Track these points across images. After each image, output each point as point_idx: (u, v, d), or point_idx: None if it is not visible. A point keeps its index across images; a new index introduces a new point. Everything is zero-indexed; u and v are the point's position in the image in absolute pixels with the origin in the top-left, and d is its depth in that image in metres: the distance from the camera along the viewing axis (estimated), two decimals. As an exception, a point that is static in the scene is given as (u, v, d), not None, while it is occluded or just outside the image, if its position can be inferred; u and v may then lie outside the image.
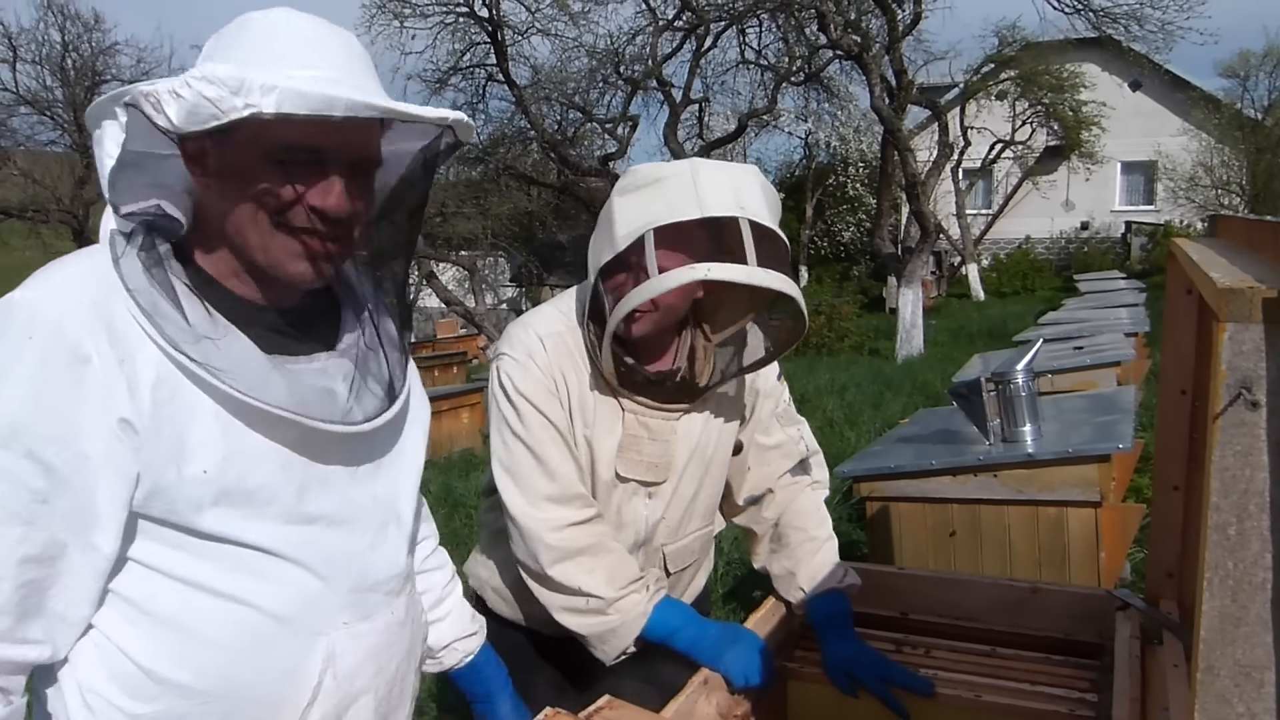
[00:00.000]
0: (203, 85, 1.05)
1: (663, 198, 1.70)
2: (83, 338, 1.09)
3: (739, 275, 1.66)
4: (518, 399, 1.86)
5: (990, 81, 24.17)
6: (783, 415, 2.12)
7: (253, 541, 1.21)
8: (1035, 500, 3.27)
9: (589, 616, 1.86)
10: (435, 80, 19.42)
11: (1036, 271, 27.02)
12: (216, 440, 1.17)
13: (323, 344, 1.31)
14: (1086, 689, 1.79)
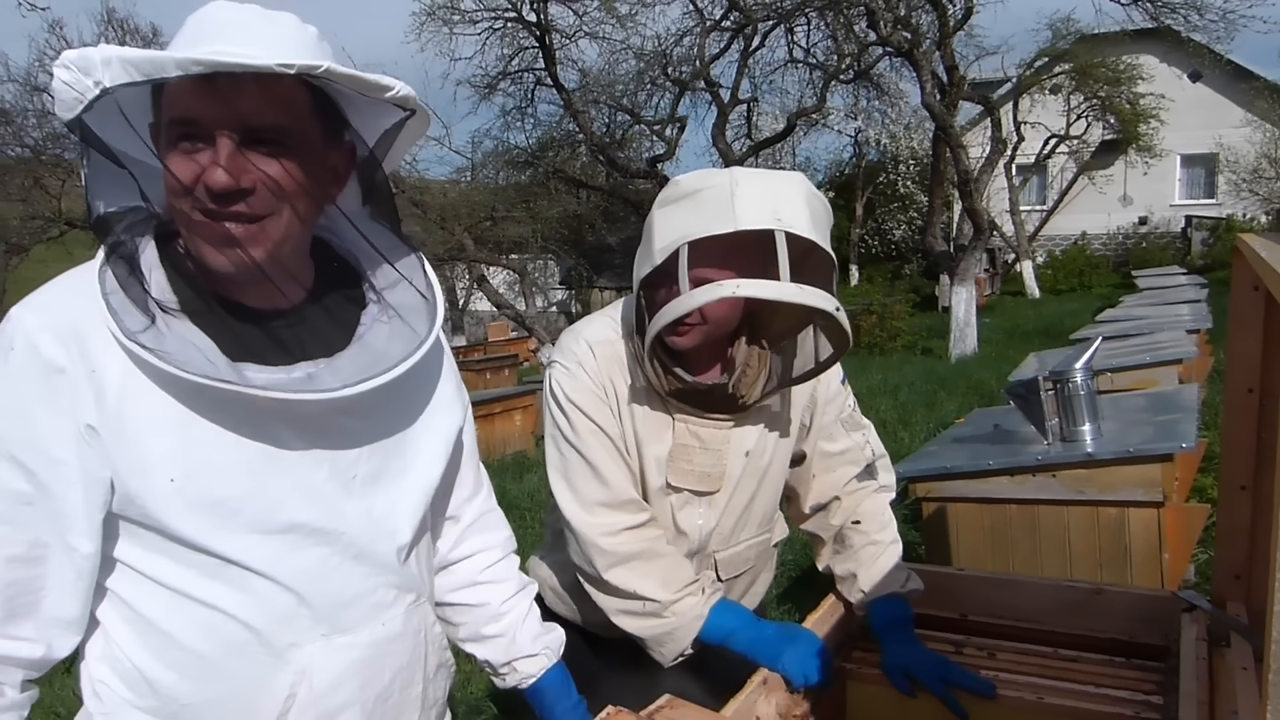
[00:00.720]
0: (61, 71, 1.08)
1: (699, 210, 1.69)
2: (57, 351, 1.13)
3: (769, 292, 1.62)
4: (568, 406, 1.88)
5: (1044, 75, 23.82)
6: (847, 421, 2.09)
7: (221, 552, 1.21)
8: (1095, 501, 3.22)
9: (646, 619, 1.88)
10: (484, 85, 19.60)
11: (1093, 268, 26.58)
12: (181, 450, 1.18)
13: (328, 351, 1.26)
14: (1152, 691, 1.76)
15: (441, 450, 1.46)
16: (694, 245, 1.66)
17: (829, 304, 1.65)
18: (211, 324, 1.19)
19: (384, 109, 1.26)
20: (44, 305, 1.17)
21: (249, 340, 1.21)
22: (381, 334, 1.30)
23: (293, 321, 1.27)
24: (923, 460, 3.77)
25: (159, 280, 1.19)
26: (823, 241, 1.70)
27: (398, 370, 1.26)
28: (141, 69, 1.07)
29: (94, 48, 1.09)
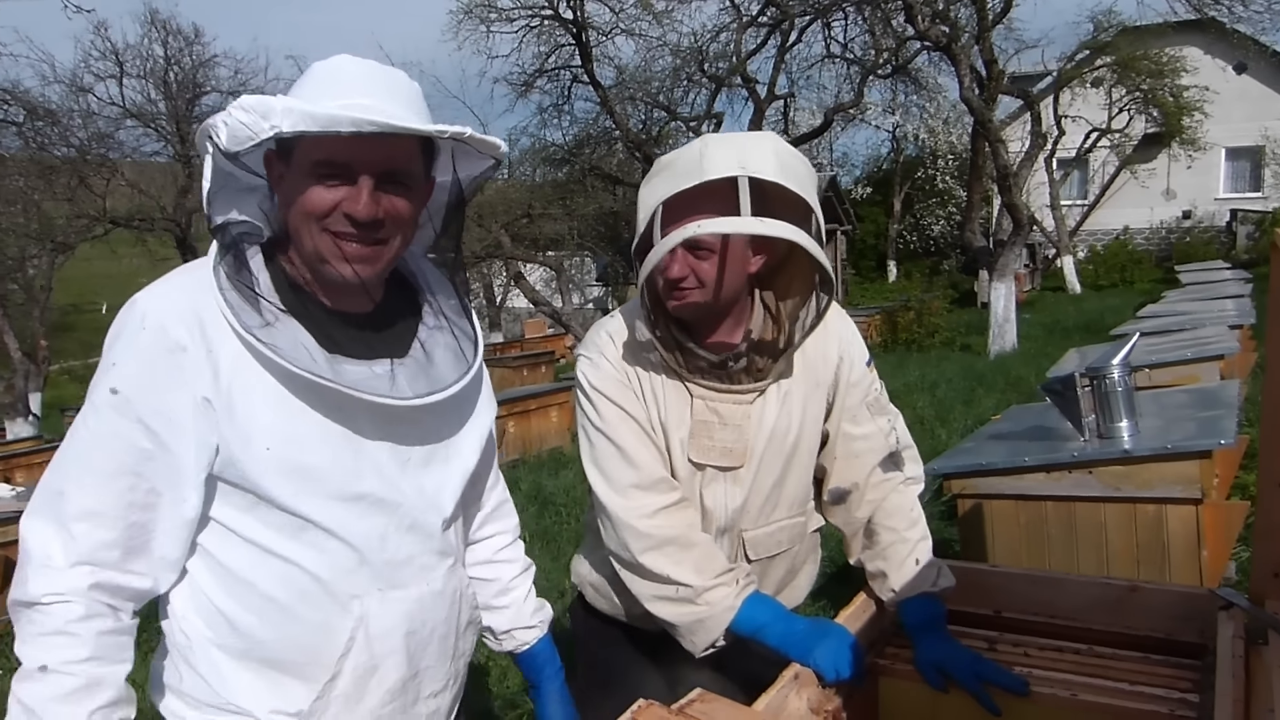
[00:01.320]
0: (239, 113, 1.31)
1: (673, 175, 1.77)
2: (181, 332, 1.36)
3: (726, 226, 1.70)
4: (594, 394, 1.95)
5: (1085, 69, 23.55)
6: (873, 404, 2.08)
7: (304, 513, 1.43)
8: (1133, 498, 3.19)
9: (679, 605, 1.90)
10: (521, 83, 19.71)
11: (1135, 263, 26.22)
12: (279, 424, 1.40)
13: (392, 352, 1.51)
14: (1188, 689, 1.75)
15: (479, 443, 1.70)
16: (667, 204, 1.75)
17: (791, 233, 1.70)
18: (308, 321, 1.44)
19: (480, 159, 1.54)
20: (168, 293, 1.40)
21: (338, 337, 1.46)
22: (438, 343, 1.57)
23: (366, 324, 1.52)
24: (959, 457, 3.76)
25: (265, 281, 1.44)
26: (796, 187, 1.74)
27: (455, 388, 1.54)
28: (319, 122, 1.30)
29: (273, 97, 1.32)
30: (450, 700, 1.72)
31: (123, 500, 1.36)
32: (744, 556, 2.04)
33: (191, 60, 18.98)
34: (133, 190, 18.68)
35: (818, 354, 2.01)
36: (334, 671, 1.50)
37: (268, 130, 1.31)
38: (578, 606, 2.29)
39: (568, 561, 6.05)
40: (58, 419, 17.84)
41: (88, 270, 28.47)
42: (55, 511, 1.36)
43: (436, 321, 1.60)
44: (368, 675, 1.53)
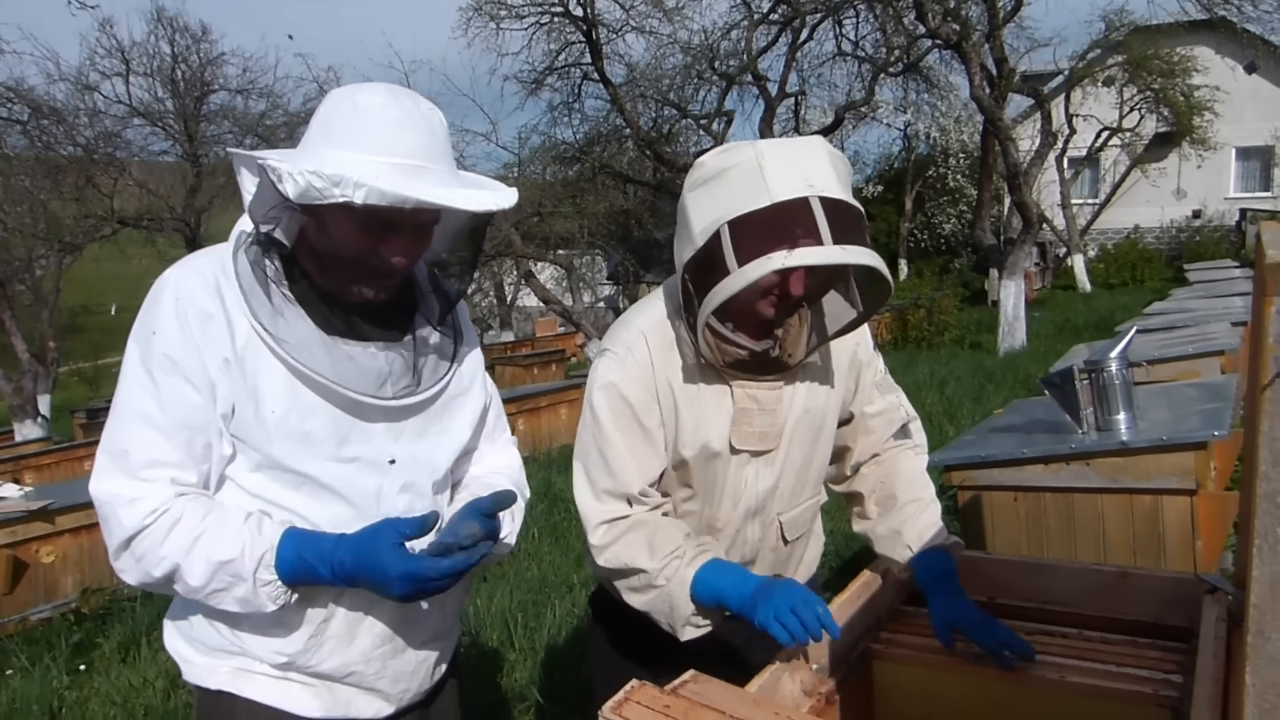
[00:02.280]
0: (313, 178, 1.44)
1: (731, 188, 1.73)
2: (207, 301, 1.56)
3: (818, 257, 1.67)
4: (607, 392, 1.93)
5: (1097, 68, 23.49)
6: (881, 383, 2.17)
7: (305, 470, 1.61)
8: (1130, 489, 3.23)
9: (644, 593, 1.93)
10: (531, 81, 19.74)
11: (1146, 262, 26.14)
12: (283, 392, 1.58)
13: (390, 336, 1.69)
14: (1173, 671, 1.78)
15: (470, 421, 1.87)
16: (733, 224, 1.71)
17: (873, 260, 1.70)
18: (312, 308, 1.61)
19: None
20: (197, 269, 1.59)
21: (339, 320, 1.63)
22: (427, 340, 1.75)
23: (367, 311, 1.66)
24: (959, 449, 3.79)
25: (275, 270, 1.60)
26: (851, 198, 1.74)
27: (435, 388, 1.74)
28: (388, 200, 1.45)
29: (351, 168, 1.46)
30: (440, 650, 1.88)
31: (185, 453, 1.55)
32: (781, 539, 2.10)
33: (199, 58, 18.71)
34: (141, 190, 18.38)
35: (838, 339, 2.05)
36: (328, 614, 1.67)
37: (338, 197, 1.44)
38: (597, 596, 2.32)
39: (577, 556, 6.11)
40: (67, 421, 17.78)
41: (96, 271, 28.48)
42: (123, 467, 1.54)
43: (428, 318, 1.77)
44: (359, 619, 1.70)
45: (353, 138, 1.52)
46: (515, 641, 4.64)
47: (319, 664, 1.69)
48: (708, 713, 1.42)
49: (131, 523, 1.52)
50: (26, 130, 17.02)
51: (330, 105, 1.58)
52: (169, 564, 1.53)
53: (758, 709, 1.44)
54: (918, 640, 1.97)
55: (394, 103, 1.55)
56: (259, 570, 1.54)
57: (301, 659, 1.68)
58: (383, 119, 1.53)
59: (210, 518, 1.55)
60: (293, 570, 1.56)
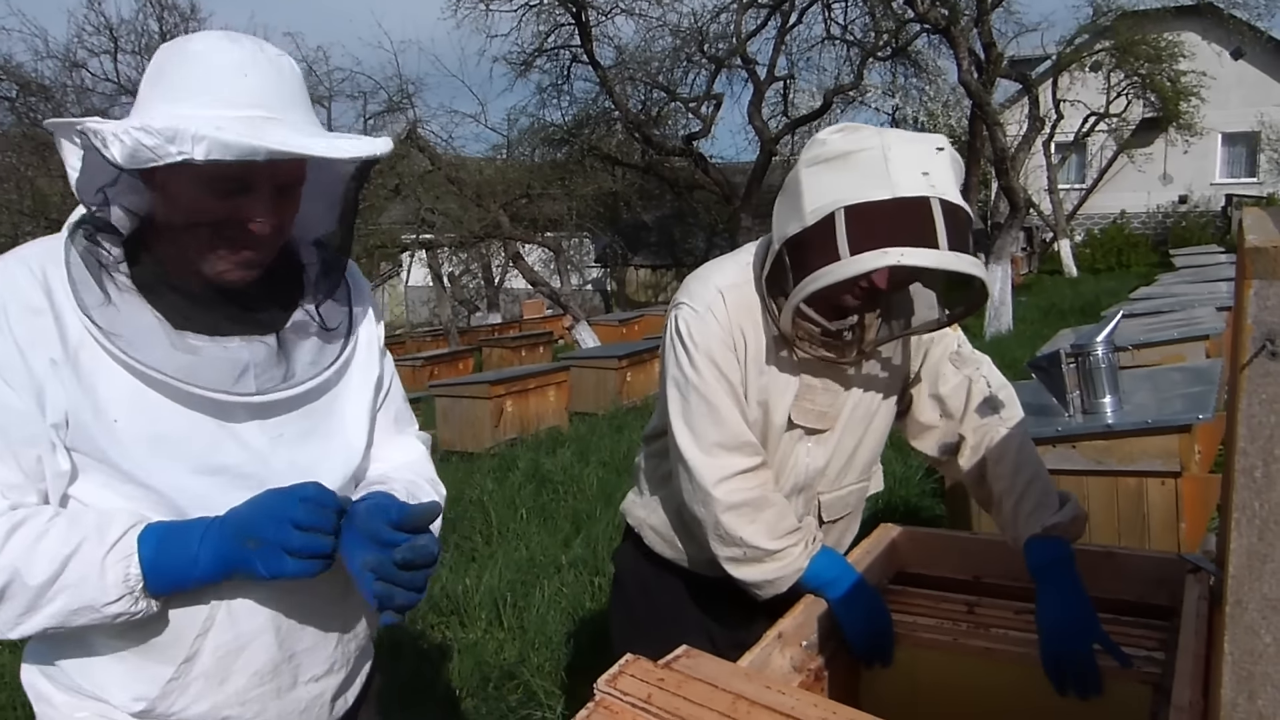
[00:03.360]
0: (141, 135, 1.23)
1: (852, 173, 1.71)
2: (33, 295, 1.32)
3: (932, 260, 1.65)
4: (694, 350, 1.94)
5: (1084, 53, 23.53)
6: (955, 358, 2.11)
7: (157, 486, 1.35)
8: (1114, 471, 3.27)
9: (748, 566, 1.96)
10: (520, 63, 19.67)
11: (1132, 247, 26.29)
12: (126, 396, 1.34)
13: (260, 327, 1.44)
14: (1155, 648, 1.81)
15: (363, 416, 1.60)
16: (850, 210, 1.68)
17: (980, 271, 1.71)
18: (158, 298, 1.38)
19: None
20: (22, 259, 1.36)
21: (193, 311, 1.39)
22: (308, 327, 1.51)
23: (235, 298, 1.43)
24: (946, 432, 3.82)
25: (116, 255, 1.37)
26: (964, 203, 1.74)
27: (312, 382, 1.48)
28: (235, 152, 1.23)
29: (187, 120, 1.24)
30: (338, 684, 1.61)
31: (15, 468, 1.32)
32: (818, 518, 2.12)
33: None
34: (128, 167, 18.52)
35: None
36: (191, 650, 1.41)
37: (175, 155, 1.23)
38: (629, 549, 2.32)
39: (565, 537, 6.13)
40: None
41: (85, 248, 28.33)
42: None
43: (312, 302, 1.53)
44: (232, 656, 1.44)
45: (188, 88, 1.31)
46: (504, 621, 4.67)
47: (183, 710, 1.43)
48: (700, 686, 1.44)
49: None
50: (14, 107, 16.97)
51: (160, 57, 1.37)
52: (7, 572, 1.26)
53: (749, 682, 1.46)
54: (904, 619, 1.99)
55: (232, 46, 1.34)
56: (118, 543, 1.30)
57: (162, 704, 1.42)
58: (221, 65, 1.32)
59: (60, 515, 1.32)
60: (153, 551, 1.31)
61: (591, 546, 5.62)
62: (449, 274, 25.52)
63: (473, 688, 4.08)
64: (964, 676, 1.86)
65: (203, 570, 1.32)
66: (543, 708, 3.79)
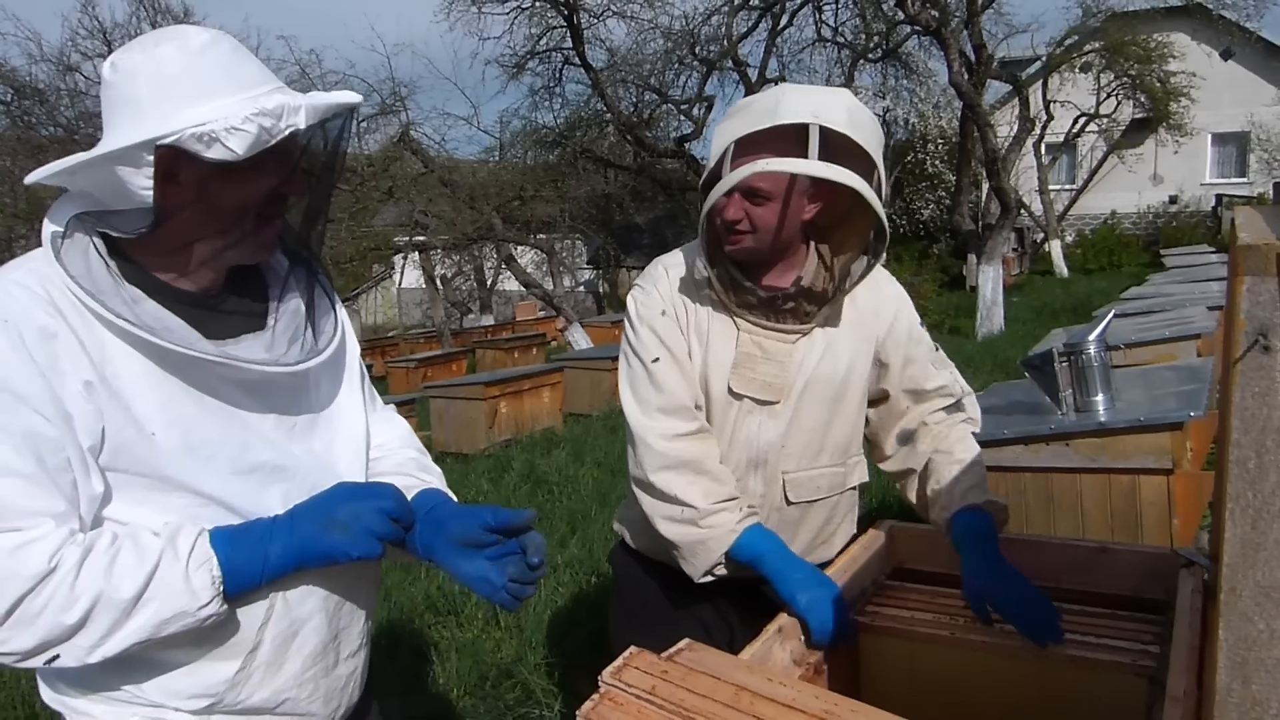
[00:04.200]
0: (261, 119, 1.29)
1: (747, 116, 1.86)
2: (45, 319, 1.29)
3: (791, 166, 1.79)
4: (637, 321, 2.07)
5: (1074, 54, 23.60)
6: (936, 359, 2.19)
7: (206, 491, 1.38)
8: (1108, 468, 3.29)
9: (682, 526, 1.99)
10: (513, 65, 19.69)
11: (1123, 247, 26.34)
12: (160, 408, 1.35)
13: (248, 326, 1.49)
14: (1150, 642, 1.82)
15: (358, 402, 1.69)
16: (739, 142, 1.85)
17: (850, 179, 1.77)
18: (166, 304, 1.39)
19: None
20: (19, 282, 1.32)
21: (195, 318, 1.41)
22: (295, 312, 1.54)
23: (215, 303, 1.47)
24: (941, 430, 3.84)
25: (114, 268, 1.37)
26: (863, 141, 1.83)
27: (329, 351, 1.55)
28: (323, 113, 1.37)
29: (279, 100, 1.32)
30: (364, 660, 1.69)
31: (58, 495, 1.29)
32: (784, 498, 2.11)
33: (181, 41, 18.74)
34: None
35: (869, 309, 2.11)
36: (255, 642, 1.45)
37: (285, 130, 1.32)
38: (618, 549, 2.36)
39: (560, 537, 6.15)
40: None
41: (77, 252, 28.20)
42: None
43: (289, 290, 1.57)
44: (289, 641, 1.49)
45: (219, 81, 1.33)
46: (500, 620, 4.68)
47: (248, 698, 1.47)
48: (703, 678, 1.46)
49: (34, 568, 1.23)
50: (9, 110, 16.97)
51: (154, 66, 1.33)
52: (89, 598, 1.26)
53: (751, 674, 1.49)
54: (902, 613, 2.01)
55: (219, 37, 1.37)
56: (194, 550, 1.32)
57: (230, 696, 1.45)
58: (227, 55, 1.36)
59: (122, 537, 1.31)
60: (228, 548, 1.35)
61: (587, 547, 5.64)
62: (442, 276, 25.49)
63: (470, 686, 4.09)
64: (962, 670, 1.88)
65: (274, 566, 1.39)
66: (540, 706, 3.80)
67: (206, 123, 1.27)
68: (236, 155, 1.29)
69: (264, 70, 1.40)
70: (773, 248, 1.98)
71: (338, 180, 1.58)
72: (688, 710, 1.39)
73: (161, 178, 1.32)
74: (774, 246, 1.98)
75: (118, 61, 1.36)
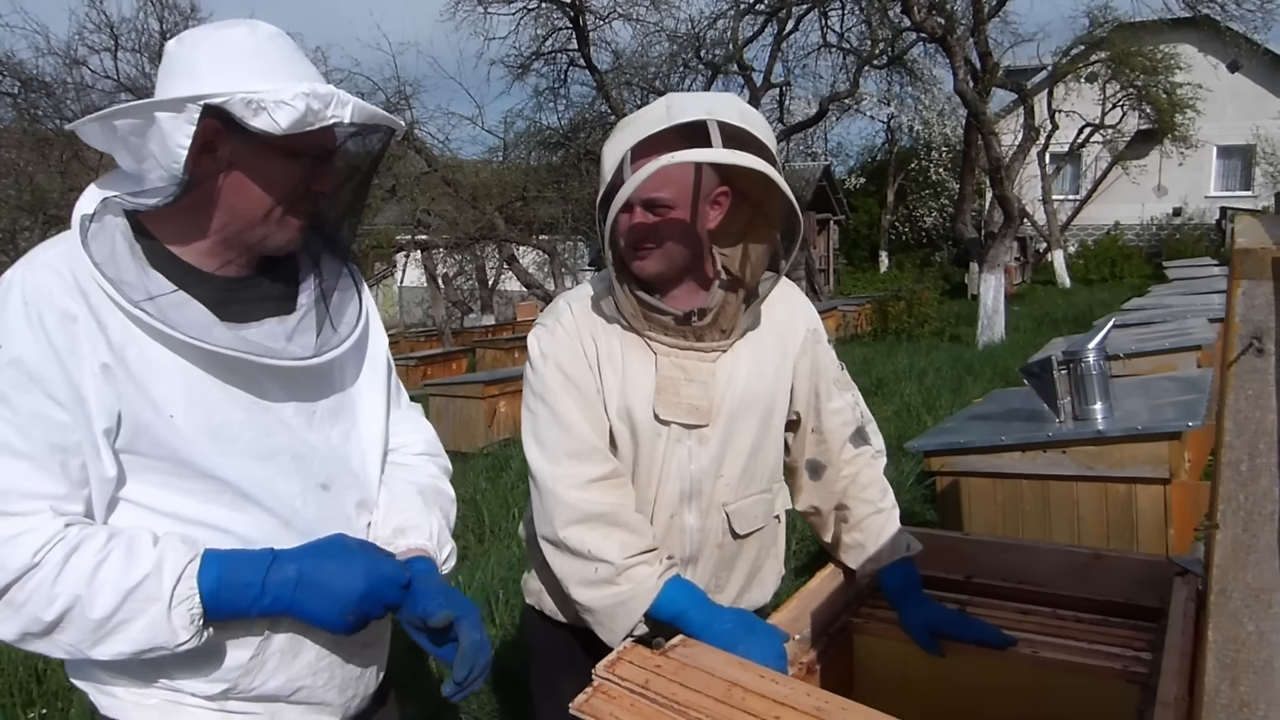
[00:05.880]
0: (311, 99, 1.31)
1: (639, 124, 1.79)
2: (67, 301, 1.32)
3: (698, 155, 1.70)
4: (540, 362, 1.91)
5: (1080, 64, 23.63)
6: (839, 380, 2.09)
7: (223, 476, 1.40)
8: (1104, 477, 3.29)
9: (599, 588, 1.82)
10: (518, 66, 19.68)
11: (1125, 258, 26.37)
12: (182, 390, 1.37)
13: (275, 309, 1.50)
14: (1142, 648, 1.83)
15: (381, 390, 1.70)
16: (636, 148, 1.76)
17: (758, 164, 1.72)
18: (191, 289, 1.40)
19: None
20: (48, 264, 1.35)
21: (222, 302, 1.43)
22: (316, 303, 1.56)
23: (246, 286, 1.49)
24: (939, 435, 3.85)
25: (140, 252, 1.39)
26: (761, 136, 1.79)
27: (348, 343, 1.55)
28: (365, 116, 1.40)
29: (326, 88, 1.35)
30: (380, 650, 1.70)
31: (62, 479, 1.32)
32: (728, 531, 1.99)
33: (187, 35, 18.85)
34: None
35: (786, 326, 2.02)
36: (270, 625, 1.46)
37: (328, 119, 1.34)
38: (535, 627, 2.18)
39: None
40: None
41: (80, 244, 28.25)
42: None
43: (316, 277, 1.59)
44: (304, 629, 1.49)
45: (279, 65, 1.37)
46: (496, 617, 4.68)
47: (262, 685, 1.49)
48: (696, 673, 1.47)
49: (18, 562, 1.26)
50: (15, 103, 17.02)
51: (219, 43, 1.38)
52: (66, 599, 1.28)
53: (744, 670, 1.49)
54: (896, 616, 2.02)
55: (284, 34, 1.43)
56: (179, 585, 1.32)
57: (243, 683, 1.47)
58: (290, 49, 1.41)
59: (116, 540, 1.32)
60: (214, 587, 1.35)
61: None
62: (443, 275, 25.50)
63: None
64: (954, 673, 1.88)
65: (265, 606, 1.38)
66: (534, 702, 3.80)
67: (258, 92, 1.30)
68: (279, 129, 1.31)
69: (315, 70, 1.44)
70: (681, 263, 1.89)
71: (365, 193, 1.60)
72: (680, 705, 1.39)
73: (199, 147, 1.33)
74: (682, 261, 1.88)
75: (184, 36, 1.41)
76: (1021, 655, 1.84)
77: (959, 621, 1.90)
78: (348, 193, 1.57)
